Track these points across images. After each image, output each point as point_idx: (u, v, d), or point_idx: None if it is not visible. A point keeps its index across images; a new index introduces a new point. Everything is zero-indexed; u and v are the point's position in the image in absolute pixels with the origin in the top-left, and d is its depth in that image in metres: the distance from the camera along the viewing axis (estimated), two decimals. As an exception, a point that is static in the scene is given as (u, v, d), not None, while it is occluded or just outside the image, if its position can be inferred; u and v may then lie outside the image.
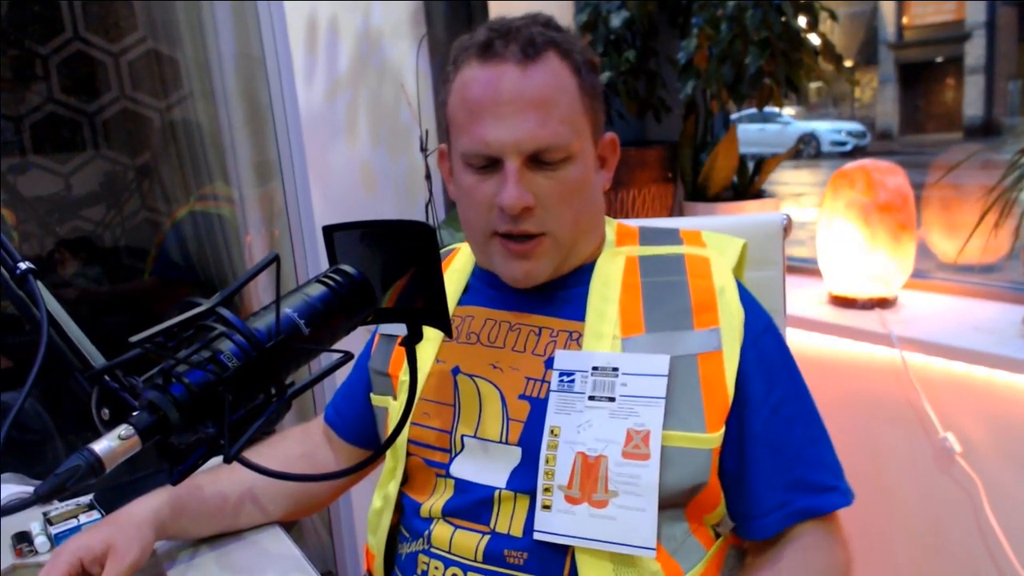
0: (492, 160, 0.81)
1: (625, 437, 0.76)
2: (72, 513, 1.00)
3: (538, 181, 0.81)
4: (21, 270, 0.63)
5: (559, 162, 0.81)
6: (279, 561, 0.93)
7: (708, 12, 1.75)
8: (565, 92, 0.81)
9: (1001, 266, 1.65)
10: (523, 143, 0.79)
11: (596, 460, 0.76)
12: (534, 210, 0.81)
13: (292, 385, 0.55)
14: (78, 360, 0.61)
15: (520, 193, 0.79)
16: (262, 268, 0.57)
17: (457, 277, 0.94)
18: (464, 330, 0.89)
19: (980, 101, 4.45)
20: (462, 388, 0.86)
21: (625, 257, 0.87)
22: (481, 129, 0.80)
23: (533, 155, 0.80)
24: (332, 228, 0.68)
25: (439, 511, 0.83)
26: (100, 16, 2.78)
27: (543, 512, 0.77)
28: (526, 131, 0.79)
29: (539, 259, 0.84)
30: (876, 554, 1.52)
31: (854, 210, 1.56)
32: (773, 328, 0.85)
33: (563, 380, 0.80)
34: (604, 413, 0.77)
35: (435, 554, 0.82)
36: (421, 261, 0.65)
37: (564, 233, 0.84)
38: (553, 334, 0.85)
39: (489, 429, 0.83)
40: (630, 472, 0.75)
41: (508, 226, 0.82)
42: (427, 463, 0.86)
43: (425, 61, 2.02)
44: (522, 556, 0.77)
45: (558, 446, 0.78)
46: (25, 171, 2.80)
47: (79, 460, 0.45)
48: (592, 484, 0.75)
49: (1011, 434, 1.31)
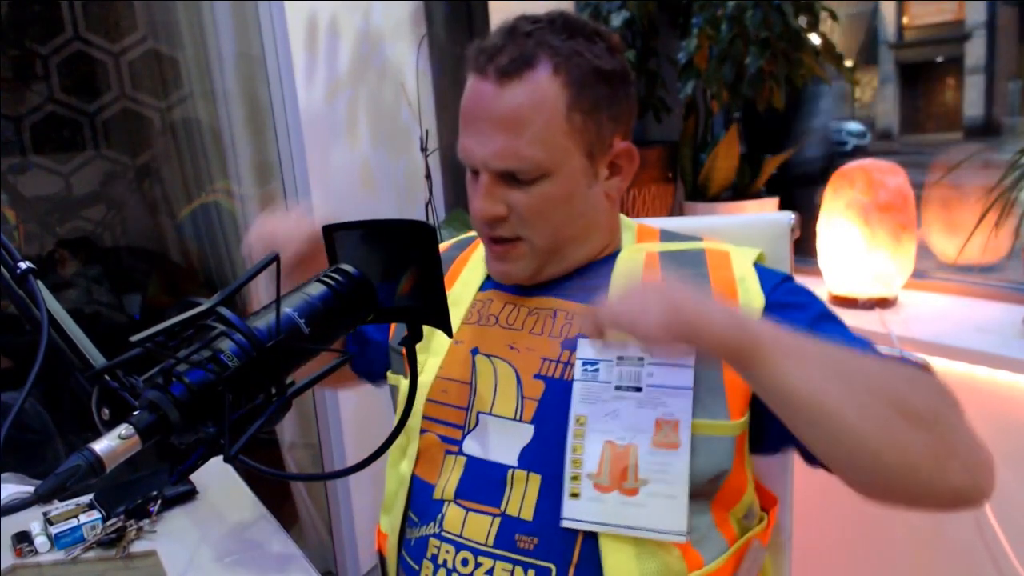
0: (474, 169, 0.85)
1: (654, 427, 0.76)
2: (72, 513, 1.00)
3: (512, 194, 0.83)
4: (21, 270, 0.63)
5: (534, 179, 0.82)
6: (279, 561, 0.93)
7: (708, 12, 1.75)
8: (543, 111, 0.80)
9: (1001, 266, 1.66)
10: (489, 162, 0.82)
11: (625, 449, 0.77)
12: (507, 218, 0.84)
13: (292, 385, 0.55)
14: (78, 360, 0.61)
15: (487, 205, 0.83)
16: (262, 268, 0.57)
17: (482, 265, 0.96)
18: (484, 313, 0.91)
19: (980, 101, 4.45)
20: (479, 367, 0.87)
21: (646, 252, 0.89)
22: (464, 139, 0.84)
23: (503, 173, 0.82)
24: (332, 227, 0.68)
25: (452, 493, 0.83)
26: (100, 16, 2.78)
27: (571, 500, 0.77)
28: (492, 151, 0.81)
29: (516, 261, 0.87)
30: (876, 554, 1.52)
31: (854, 210, 1.56)
32: (794, 297, 0.84)
33: (587, 369, 0.80)
34: (631, 403, 0.78)
35: (447, 538, 0.82)
36: (421, 261, 0.65)
37: (541, 241, 0.85)
38: (569, 316, 0.86)
39: (504, 407, 0.84)
40: (661, 460, 0.75)
41: (486, 231, 0.86)
42: (441, 439, 0.87)
43: (425, 61, 2.02)
44: (532, 541, 0.78)
45: (585, 435, 0.78)
46: (25, 171, 2.80)
47: (79, 460, 0.45)
48: (622, 472, 0.76)
49: (1012, 434, 1.31)
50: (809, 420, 0.67)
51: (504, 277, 0.90)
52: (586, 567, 0.76)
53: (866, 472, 0.68)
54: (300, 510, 2.23)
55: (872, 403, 0.66)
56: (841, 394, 0.65)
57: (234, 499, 1.10)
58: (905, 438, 0.65)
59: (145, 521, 1.01)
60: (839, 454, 0.68)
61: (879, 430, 0.65)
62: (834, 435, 0.66)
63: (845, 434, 0.65)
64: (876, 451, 0.65)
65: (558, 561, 0.77)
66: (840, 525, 1.51)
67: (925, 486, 0.66)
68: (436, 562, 0.82)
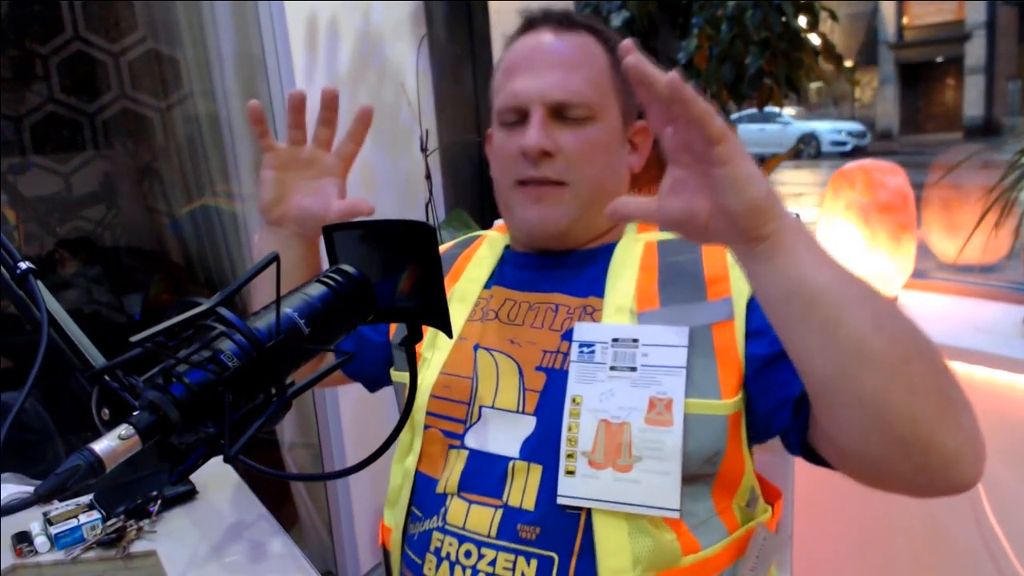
0: (521, 113, 0.87)
1: (648, 405, 0.77)
2: (72, 513, 1.00)
3: (562, 133, 0.86)
4: (21, 270, 0.63)
5: (582, 119, 0.86)
6: (279, 561, 0.93)
7: (708, 12, 1.75)
8: (595, 60, 0.88)
9: (1001, 266, 1.66)
10: (547, 93, 0.85)
11: (620, 427, 0.77)
12: (555, 157, 0.86)
13: (292, 385, 0.55)
14: (78, 360, 0.61)
15: (540, 136, 0.84)
16: (262, 268, 0.58)
17: (487, 263, 0.97)
18: (485, 309, 0.92)
19: (980, 101, 4.45)
20: (481, 361, 0.88)
21: (645, 242, 0.90)
22: (513, 84, 0.87)
23: (557, 107, 0.85)
24: (332, 228, 0.68)
25: (455, 486, 0.84)
26: (100, 16, 2.78)
27: (567, 478, 0.78)
28: (551, 83, 0.85)
29: (555, 204, 0.87)
30: (876, 553, 1.52)
31: (854, 210, 1.56)
32: None
33: (583, 351, 0.82)
34: (626, 382, 0.79)
35: (450, 531, 0.82)
36: (421, 261, 0.65)
37: (584, 187, 0.87)
38: (570, 310, 0.87)
39: (506, 399, 0.85)
40: (654, 437, 0.76)
41: (530, 171, 0.86)
42: (444, 434, 0.87)
43: (425, 61, 2.02)
44: (535, 531, 0.78)
45: (580, 414, 0.79)
46: (25, 171, 2.80)
47: (79, 460, 0.45)
48: (616, 449, 0.77)
49: (1011, 434, 1.31)
50: (823, 322, 0.61)
51: (541, 222, 0.88)
52: (588, 555, 0.77)
53: (863, 407, 0.62)
54: (300, 510, 2.23)
55: (891, 325, 0.61)
56: (861, 303, 0.61)
57: (234, 499, 1.10)
58: (917, 377, 0.61)
59: (145, 521, 1.01)
60: (838, 378, 0.62)
61: (893, 355, 0.60)
62: (843, 347, 0.61)
63: (855, 346, 0.60)
64: (884, 385, 0.60)
65: (560, 550, 0.77)
66: (842, 523, 1.51)
67: (922, 444, 0.61)
68: (439, 555, 0.82)
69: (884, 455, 0.64)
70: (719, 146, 0.60)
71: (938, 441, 0.62)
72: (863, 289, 0.63)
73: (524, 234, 0.92)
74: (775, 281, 0.64)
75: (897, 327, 0.62)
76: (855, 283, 0.63)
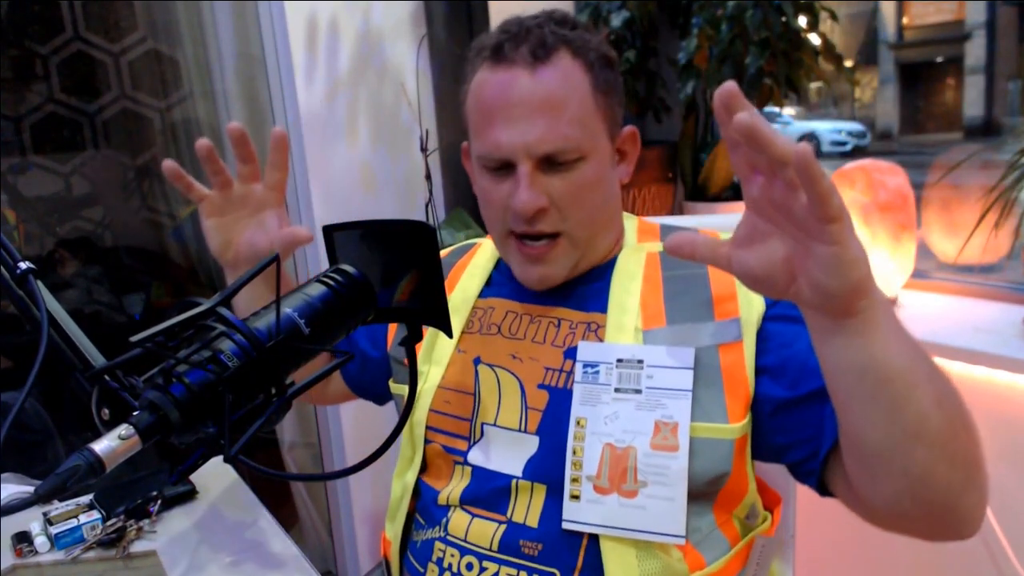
0: (505, 163, 0.81)
1: (653, 429, 0.76)
2: (72, 513, 1.00)
3: (552, 182, 0.81)
4: (21, 270, 0.63)
5: (572, 162, 0.81)
6: (279, 561, 0.93)
7: (708, 12, 1.75)
8: (576, 92, 0.81)
9: (1001, 266, 1.66)
10: (533, 146, 0.79)
11: (624, 451, 0.76)
12: (548, 211, 0.82)
13: (292, 385, 0.55)
14: (78, 360, 0.61)
15: (532, 196, 0.80)
16: (262, 268, 0.58)
17: (480, 272, 0.95)
18: (485, 321, 0.90)
19: (980, 101, 4.45)
20: (483, 377, 0.87)
21: (646, 253, 0.88)
22: (493, 132, 0.81)
23: (545, 158, 0.80)
24: (332, 228, 0.68)
25: (457, 499, 0.83)
26: (100, 16, 2.78)
27: (572, 503, 0.77)
28: (536, 134, 0.79)
29: (554, 262, 0.85)
30: (876, 553, 1.52)
31: (854, 210, 1.56)
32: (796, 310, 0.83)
33: (587, 372, 0.80)
34: (631, 405, 0.78)
35: (451, 542, 0.82)
36: (421, 261, 0.65)
37: (580, 232, 0.84)
38: (573, 326, 0.86)
39: (508, 417, 0.83)
40: (659, 463, 0.75)
41: (523, 227, 0.82)
42: (446, 450, 0.86)
43: (425, 61, 2.02)
44: (537, 547, 0.78)
45: (585, 437, 0.78)
46: (25, 171, 2.80)
47: (79, 460, 0.45)
48: (621, 475, 0.76)
49: (1011, 434, 1.31)
50: (892, 400, 0.60)
51: (541, 282, 0.86)
52: (590, 572, 0.76)
53: (907, 476, 0.62)
54: (300, 510, 2.23)
55: (948, 402, 0.61)
56: (928, 382, 0.60)
57: (234, 499, 1.10)
58: (960, 451, 0.62)
59: (145, 521, 1.00)
60: (891, 450, 0.62)
61: (946, 432, 0.61)
62: (905, 426, 0.60)
63: (916, 427, 0.60)
64: (932, 458, 0.61)
65: (562, 567, 0.77)
66: (843, 524, 1.51)
67: (949, 508, 0.64)
68: (441, 565, 0.82)
69: (909, 513, 0.65)
70: (834, 225, 0.54)
71: (962, 505, 0.64)
72: (930, 367, 0.62)
73: (523, 284, 0.89)
74: (852, 356, 0.60)
75: (953, 404, 0.62)
76: (924, 361, 0.61)
